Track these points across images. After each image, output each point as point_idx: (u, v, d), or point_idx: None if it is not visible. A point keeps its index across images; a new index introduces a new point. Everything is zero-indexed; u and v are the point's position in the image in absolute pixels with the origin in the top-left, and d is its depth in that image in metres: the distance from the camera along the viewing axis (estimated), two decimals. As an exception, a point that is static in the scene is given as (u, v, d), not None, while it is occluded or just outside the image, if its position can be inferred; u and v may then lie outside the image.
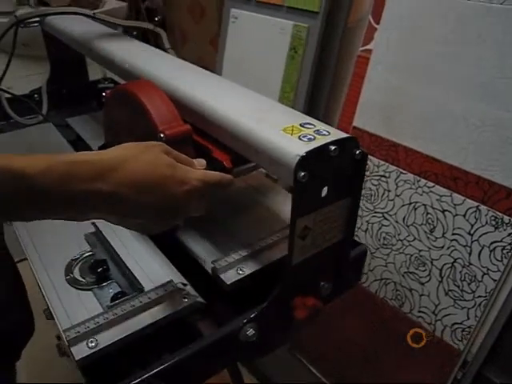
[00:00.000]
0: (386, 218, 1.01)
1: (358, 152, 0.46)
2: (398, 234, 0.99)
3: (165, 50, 0.93)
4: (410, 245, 0.97)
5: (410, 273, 0.98)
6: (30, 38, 1.16)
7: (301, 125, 0.47)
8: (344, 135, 0.45)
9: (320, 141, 0.44)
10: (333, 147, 0.43)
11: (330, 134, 0.46)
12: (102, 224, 0.62)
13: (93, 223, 0.62)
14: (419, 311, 0.97)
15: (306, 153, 0.42)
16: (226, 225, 0.64)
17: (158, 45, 0.92)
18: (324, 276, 0.55)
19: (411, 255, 0.97)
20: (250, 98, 0.58)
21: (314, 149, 0.42)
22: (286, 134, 0.45)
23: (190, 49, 1.66)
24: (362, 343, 1.12)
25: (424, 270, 0.95)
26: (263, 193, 0.74)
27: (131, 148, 0.41)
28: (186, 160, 0.45)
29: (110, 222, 0.42)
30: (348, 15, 1.10)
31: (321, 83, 1.13)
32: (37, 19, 1.07)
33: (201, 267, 0.56)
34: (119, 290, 0.52)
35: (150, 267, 0.55)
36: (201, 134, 0.56)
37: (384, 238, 1.02)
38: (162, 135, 0.51)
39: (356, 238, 0.60)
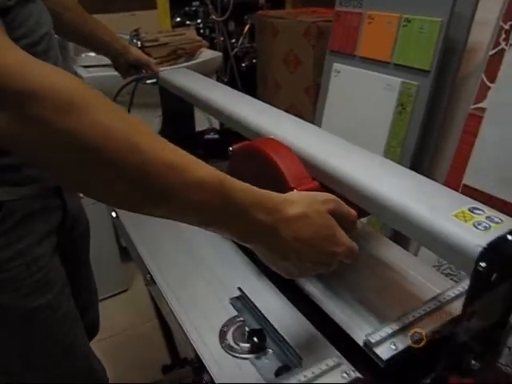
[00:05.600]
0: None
1: (528, 238, 0.47)
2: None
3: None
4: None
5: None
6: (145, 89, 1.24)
7: (470, 210, 0.48)
8: (518, 223, 0.46)
9: (497, 230, 0.45)
10: (510, 237, 0.44)
11: (503, 221, 0.47)
12: (247, 287, 0.66)
13: (238, 288, 0.65)
14: (539, 380, 0.93)
15: (488, 244, 0.43)
16: (362, 291, 0.65)
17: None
18: (475, 354, 0.55)
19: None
20: (393, 170, 0.60)
21: (494, 240, 0.43)
22: (459, 220, 0.47)
23: (283, 97, 1.72)
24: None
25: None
26: (374, 246, 0.75)
27: (307, 201, 0.47)
28: (352, 218, 0.51)
29: (259, 254, 0.48)
30: (457, 72, 1.11)
31: (428, 139, 1.13)
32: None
33: (342, 337, 0.58)
34: (277, 360, 0.54)
35: (303, 337, 0.57)
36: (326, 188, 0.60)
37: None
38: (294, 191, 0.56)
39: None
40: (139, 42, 1.80)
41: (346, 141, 0.68)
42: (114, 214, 0.90)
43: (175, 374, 1.18)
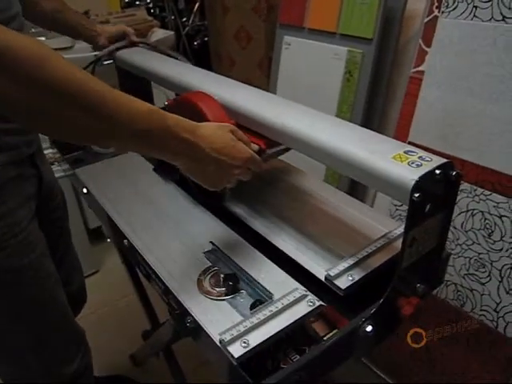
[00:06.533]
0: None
1: (454, 173, 0.55)
2: (457, 239, 1.07)
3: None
4: (469, 248, 1.05)
5: (470, 274, 1.06)
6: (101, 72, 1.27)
7: (405, 152, 0.57)
8: (444, 160, 0.55)
9: (427, 166, 0.53)
10: (438, 171, 0.53)
11: (432, 160, 0.55)
12: (217, 241, 0.73)
13: (210, 241, 0.72)
14: (481, 309, 1.05)
15: (420, 177, 0.51)
16: (320, 235, 0.73)
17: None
18: (420, 278, 0.64)
19: (470, 258, 1.06)
20: (341, 125, 0.68)
21: (425, 173, 0.52)
22: (397, 161, 0.55)
23: (238, 72, 1.77)
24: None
25: (484, 272, 1.03)
26: (335, 200, 0.83)
27: (214, 126, 0.64)
28: (246, 140, 0.67)
29: (187, 169, 0.62)
30: (398, 39, 1.20)
31: (375, 103, 1.22)
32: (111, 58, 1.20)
33: (305, 275, 0.66)
34: (250, 298, 0.62)
35: (272, 277, 0.65)
36: (243, 128, 0.72)
37: (444, 244, 1.11)
38: None
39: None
40: (90, 25, 1.80)
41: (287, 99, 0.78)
42: (84, 190, 0.95)
43: (154, 338, 1.24)
